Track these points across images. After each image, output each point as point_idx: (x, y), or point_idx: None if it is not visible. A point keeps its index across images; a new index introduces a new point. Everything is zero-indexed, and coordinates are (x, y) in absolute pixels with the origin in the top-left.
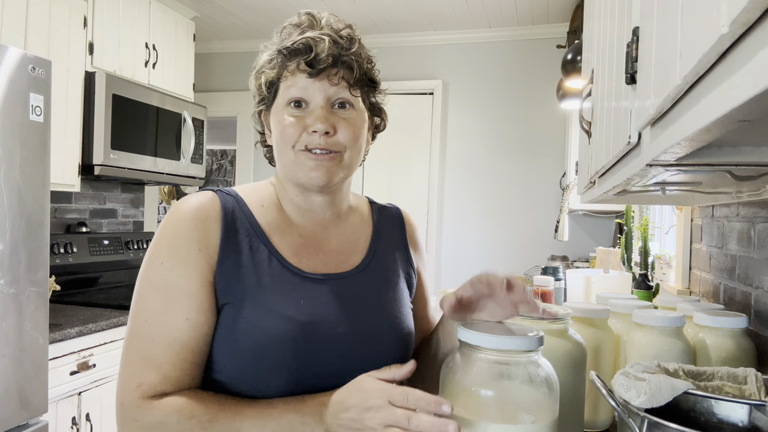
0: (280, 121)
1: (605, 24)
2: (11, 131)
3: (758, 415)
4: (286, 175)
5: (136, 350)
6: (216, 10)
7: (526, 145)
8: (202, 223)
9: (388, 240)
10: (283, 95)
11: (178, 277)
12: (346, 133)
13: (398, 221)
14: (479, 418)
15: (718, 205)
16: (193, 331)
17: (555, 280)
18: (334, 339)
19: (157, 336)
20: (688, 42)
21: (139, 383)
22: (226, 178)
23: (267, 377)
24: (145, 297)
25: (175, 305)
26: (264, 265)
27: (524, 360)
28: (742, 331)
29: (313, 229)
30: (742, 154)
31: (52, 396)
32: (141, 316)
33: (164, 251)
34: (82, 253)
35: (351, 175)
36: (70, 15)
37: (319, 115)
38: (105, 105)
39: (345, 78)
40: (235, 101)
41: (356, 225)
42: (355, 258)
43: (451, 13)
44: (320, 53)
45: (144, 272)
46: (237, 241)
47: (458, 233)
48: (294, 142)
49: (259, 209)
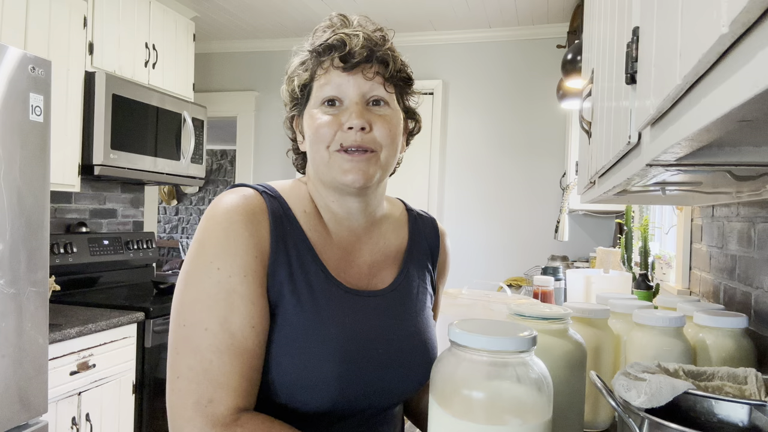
0: (315, 121)
1: (605, 24)
2: (11, 131)
3: (758, 415)
4: (321, 178)
5: (198, 363)
6: (216, 10)
7: (527, 145)
8: (255, 227)
9: (420, 254)
10: (316, 95)
11: (238, 284)
12: (383, 130)
13: (432, 236)
14: (466, 419)
15: (718, 205)
16: (258, 338)
17: (555, 280)
18: (373, 361)
19: (222, 346)
20: (688, 42)
21: (210, 399)
22: (226, 178)
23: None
24: (202, 305)
25: (239, 313)
26: (312, 278)
27: (514, 361)
28: (742, 331)
29: (349, 239)
30: (742, 154)
31: (52, 396)
32: (199, 326)
33: (219, 255)
34: (82, 253)
35: (386, 177)
36: (70, 15)
37: (354, 111)
38: (105, 105)
39: (380, 73)
40: (235, 101)
41: (389, 234)
42: (386, 273)
43: (451, 13)
44: (354, 47)
45: (195, 277)
46: (286, 248)
47: (458, 233)
48: (329, 141)
49: (303, 215)
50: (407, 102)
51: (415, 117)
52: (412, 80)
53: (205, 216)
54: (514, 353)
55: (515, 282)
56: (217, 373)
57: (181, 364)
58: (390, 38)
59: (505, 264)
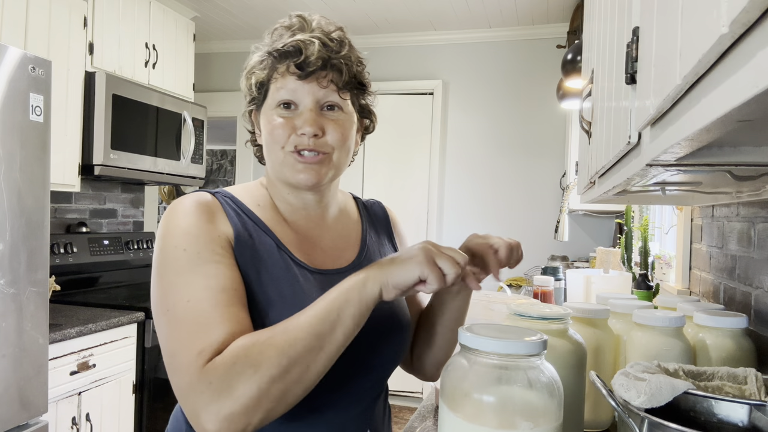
0: (270, 121)
1: (605, 24)
2: (11, 131)
3: (758, 415)
4: (276, 174)
5: (185, 327)
6: (216, 10)
7: (526, 145)
8: (211, 215)
9: (377, 234)
10: (272, 96)
11: (208, 257)
12: (335, 134)
13: (383, 216)
14: (477, 423)
15: (718, 205)
16: (234, 281)
17: (555, 280)
18: None
19: (203, 303)
20: (688, 42)
21: (200, 350)
22: (226, 178)
23: None
24: (179, 284)
25: (213, 275)
26: (275, 258)
27: (524, 364)
28: (742, 331)
29: (307, 226)
30: (742, 154)
31: (52, 396)
32: (181, 300)
33: (183, 239)
34: (82, 253)
35: (339, 174)
36: (70, 15)
37: (307, 118)
38: (105, 105)
39: (334, 81)
40: (235, 101)
41: (346, 222)
42: (349, 254)
43: (451, 13)
44: (310, 56)
45: (165, 267)
46: (248, 233)
47: (458, 233)
48: (283, 143)
49: (257, 208)
50: (362, 101)
51: (370, 116)
52: (368, 85)
53: (164, 217)
54: (525, 357)
55: (515, 282)
56: (199, 326)
57: (171, 343)
58: (348, 41)
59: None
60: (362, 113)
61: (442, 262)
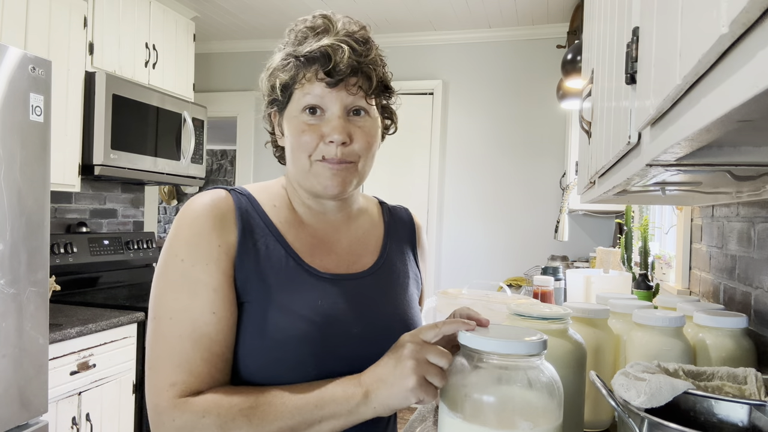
0: (296, 127)
1: (605, 24)
2: (11, 131)
3: (758, 415)
4: (300, 182)
5: (164, 350)
6: (216, 10)
7: (526, 145)
8: (219, 220)
9: (399, 241)
10: (298, 101)
11: (200, 272)
12: (362, 142)
13: (408, 223)
14: (477, 423)
15: (718, 205)
16: (220, 324)
17: (555, 280)
18: (350, 340)
19: (185, 333)
20: (688, 42)
21: (173, 382)
22: (226, 178)
23: (287, 376)
24: (167, 296)
25: (201, 300)
26: (281, 265)
27: (524, 365)
28: (742, 331)
29: (325, 229)
30: (742, 154)
31: (52, 396)
32: (165, 315)
33: (183, 248)
34: (82, 253)
35: (363, 181)
36: (70, 15)
37: (336, 125)
38: (105, 105)
39: (362, 87)
40: (235, 101)
41: (366, 226)
42: (367, 259)
43: (451, 13)
44: (339, 63)
45: (162, 272)
46: (254, 240)
47: (458, 233)
48: (311, 151)
49: (272, 209)
50: (385, 103)
51: (392, 117)
52: (392, 88)
53: (176, 217)
54: (525, 357)
55: (515, 282)
56: (178, 358)
57: (151, 354)
58: (372, 41)
59: (505, 264)
60: (385, 114)
61: (432, 378)
